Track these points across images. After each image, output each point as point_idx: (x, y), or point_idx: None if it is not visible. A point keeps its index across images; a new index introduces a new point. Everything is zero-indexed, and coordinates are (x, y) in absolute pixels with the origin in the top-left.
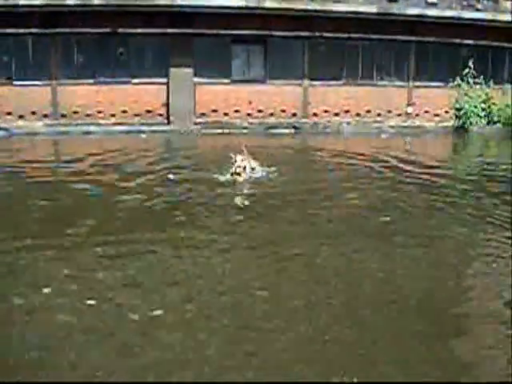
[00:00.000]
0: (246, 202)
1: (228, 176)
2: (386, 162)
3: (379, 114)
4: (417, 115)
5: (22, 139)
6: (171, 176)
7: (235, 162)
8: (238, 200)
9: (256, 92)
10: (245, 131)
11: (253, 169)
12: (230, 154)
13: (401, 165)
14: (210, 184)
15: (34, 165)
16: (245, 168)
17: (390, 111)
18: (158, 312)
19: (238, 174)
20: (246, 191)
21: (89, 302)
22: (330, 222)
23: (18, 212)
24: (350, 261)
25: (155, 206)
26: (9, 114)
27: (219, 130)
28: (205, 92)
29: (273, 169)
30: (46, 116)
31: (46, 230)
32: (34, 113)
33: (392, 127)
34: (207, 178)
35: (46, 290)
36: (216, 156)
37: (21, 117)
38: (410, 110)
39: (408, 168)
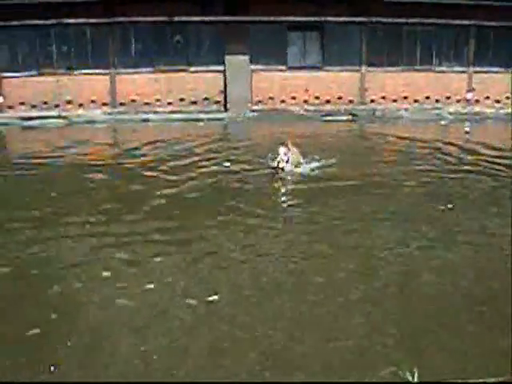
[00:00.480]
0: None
1: (270, 168)
2: (447, 148)
3: (438, 100)
4: (477, 101)
5: (82, 128)
6: (227, 164)
7: (278, 154)
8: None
9: (312, 79)
10: (301, 118)
11: (299, 163)
12: (278, 145)
13: (461, 152)
14: (256, 176)
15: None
16: (288, 161)
17: (449, 97)
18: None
19: (281, 169)
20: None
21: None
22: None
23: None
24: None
25: (208, 192)
26: (69, 102)
27: (276, 118)
28: (261, 79)
29: (321, 163)
30: (104, 104)
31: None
32: (93, 101)
33: (451, 113)
34: (257, 167)
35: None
36: (270, 145)
37: (80, 105)
38: (469, 95)
39: (468, 156)
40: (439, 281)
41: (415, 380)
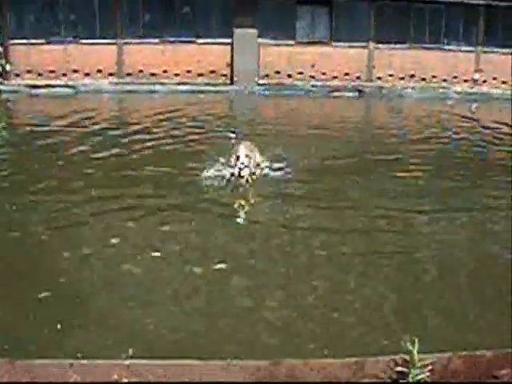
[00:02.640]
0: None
1: (229, 174)
2: (451, 126)
3: (445, 80)
4: (484, 81)
5: (88, 97)
6: (232, 135)
7: (237, 157)
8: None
9: (320, 54)
10: (308, 94)
11: (258, 165)
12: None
13: (465, 131)
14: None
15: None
16: (248, 166)
17: (456, 77)
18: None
19: (240, 176)
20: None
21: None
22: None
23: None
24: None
25: None
26: (75, 71)
27: (282, 92)
28: (269, 53)
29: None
30: (111, 74)
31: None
32: (99, 71)
33: (458, 93)
34: None
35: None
36: (271, 121)
37: (87, 75)
38: (476, 76)
39: (471, 135)
40: None
41: (415, 349)
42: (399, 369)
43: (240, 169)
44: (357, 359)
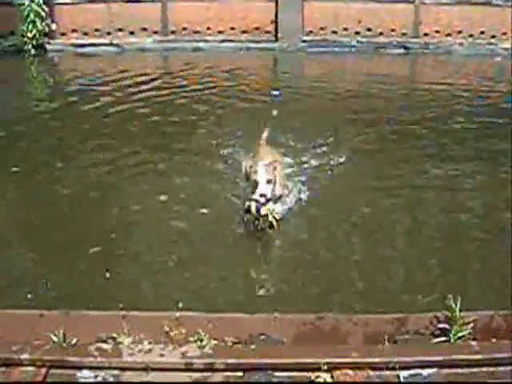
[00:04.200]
0: None
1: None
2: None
3: (493, 36)
4: None
5: (133, 55)
6: (275, 92)
7: (255, 183)
8: None
9: (366, 10)
10: (353, 50)
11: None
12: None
13: None
14: None
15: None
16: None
17: (504, 33)
18: None
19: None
20: None
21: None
22: None
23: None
24: None
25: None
26: (120, 30)
27: (327, 49)
28: (313, 9)
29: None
30: (155, 32)
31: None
32: (144, 29)
33: (506, 49)
34: None
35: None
36: (316, 79)
37: (131, 33)
38: None
39: None
40: None
41: (458, 307)
42: (441, 325)
43: (258, 205)
44: (399, 315)
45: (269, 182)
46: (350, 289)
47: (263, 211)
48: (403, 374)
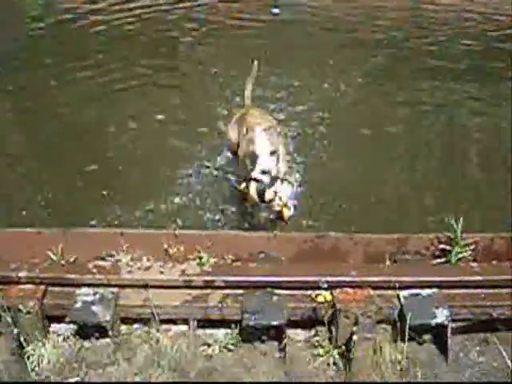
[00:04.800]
0: None
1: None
2: None
3: None
4: None
5: None
6: (275, 10)
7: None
8: None
9: None
10: None
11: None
12: None
13: None
14: None
15: None
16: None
17: None
18: None
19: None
20: None
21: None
22: None
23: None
24: None
25: None
26: None
27: None
28: None
29: None
30: None
31: None
32: None
33: None
34: None
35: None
36: None
37: None
38: None
39: None
40: None
41: (459, 228)
42: (442, 246)
43: (260, 186)
44: (400, 235)
45: (272, 153)
46: (347, 208)
47: (268, 195)
48: (403, 293)
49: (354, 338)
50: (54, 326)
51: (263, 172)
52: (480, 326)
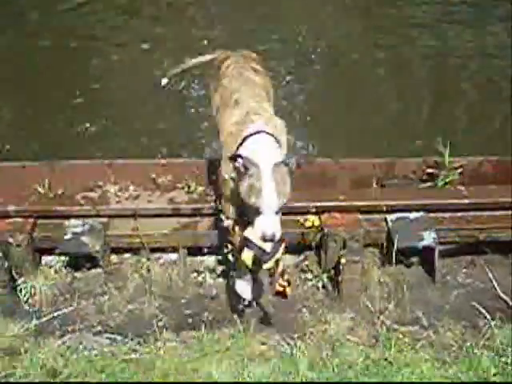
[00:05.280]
0: None
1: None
2: None
3: None
4: None
5: None
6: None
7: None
8: None
9: None
10: None
11: None
12: None
13: None
14: None
15: None
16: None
17: None
18: None
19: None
20: None
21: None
22: None
23: None
24: None
25: None
26: None
27: None
28: None
29: None
30: None
31: None
32: None
33: None
34: None
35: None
36: None
37: None
38: None
39: None
40: None
41: (447, 152)
42: (429, 170)
43: (262, 254)
44: (387, 160)
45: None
46: (336, 133)
47: (268, 265)
48: (390, 217)
49: (342, 261)
50: (46, 259)
51: (264, 239)
52: (467, 249)
